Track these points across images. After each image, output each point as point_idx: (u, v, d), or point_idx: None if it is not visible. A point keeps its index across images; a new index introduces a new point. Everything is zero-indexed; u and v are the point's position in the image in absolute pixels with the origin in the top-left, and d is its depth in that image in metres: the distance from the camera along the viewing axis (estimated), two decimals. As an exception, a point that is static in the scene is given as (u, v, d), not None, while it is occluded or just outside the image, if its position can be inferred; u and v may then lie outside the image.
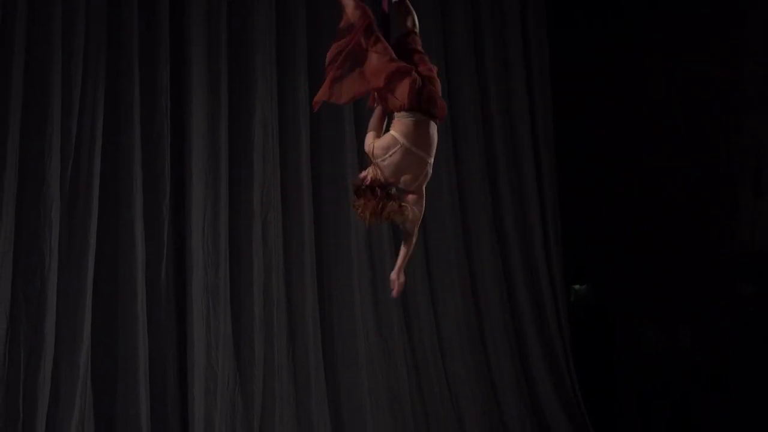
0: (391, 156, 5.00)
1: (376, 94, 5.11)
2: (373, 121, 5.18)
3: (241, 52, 8.02)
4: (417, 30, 5.29)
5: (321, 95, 5.12)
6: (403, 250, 5.21)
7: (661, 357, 9.09)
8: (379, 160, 5.00)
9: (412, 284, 8.40)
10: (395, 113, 5.04)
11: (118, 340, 7.53)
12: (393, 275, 5.18)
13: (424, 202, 5.13)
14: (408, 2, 5.34)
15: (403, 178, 5.03)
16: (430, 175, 5.11)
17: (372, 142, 5.07)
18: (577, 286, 9.65)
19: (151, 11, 7.69)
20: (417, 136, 5.00)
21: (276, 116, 8.05)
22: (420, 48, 5.23)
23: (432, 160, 5.10)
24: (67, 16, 7.38)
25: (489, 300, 8.84)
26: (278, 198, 8.02)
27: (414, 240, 5.19)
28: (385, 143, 5.02)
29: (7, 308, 7.19)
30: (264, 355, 7.87)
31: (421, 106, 5.00)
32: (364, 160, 8.21)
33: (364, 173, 5.08)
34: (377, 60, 5.00)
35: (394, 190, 5.05)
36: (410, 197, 5.06)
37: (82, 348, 7.31)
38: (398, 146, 4.99)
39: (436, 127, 5.08)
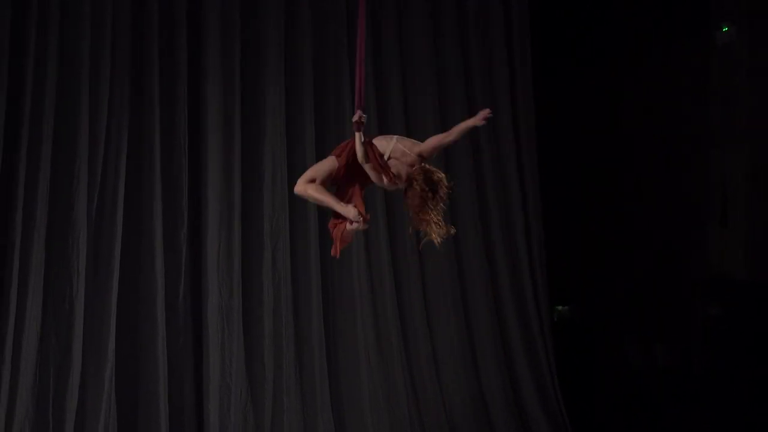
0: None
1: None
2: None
3: (253, 92, 8.44)
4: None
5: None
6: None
7: (638, 373, 9.33)
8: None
9: (409, 308, 8.83)
10: None
11: (140, 358, 8.00)
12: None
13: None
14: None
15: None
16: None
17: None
18: (560, 307, 9.90)
19: (170, 56, 8.23)
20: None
21: (284, 152, 8.44)
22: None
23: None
24: (93, 60, 7.96)
25: (480, 323, 9.02)
26: (287, 228, 8.39)
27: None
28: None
29: (38, 328, 7.71)
30: (273, 372, 8.25)
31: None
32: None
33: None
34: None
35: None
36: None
37: (107, 365, 7.81)
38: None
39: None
